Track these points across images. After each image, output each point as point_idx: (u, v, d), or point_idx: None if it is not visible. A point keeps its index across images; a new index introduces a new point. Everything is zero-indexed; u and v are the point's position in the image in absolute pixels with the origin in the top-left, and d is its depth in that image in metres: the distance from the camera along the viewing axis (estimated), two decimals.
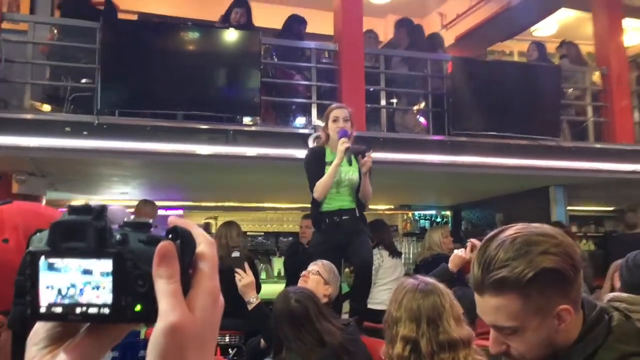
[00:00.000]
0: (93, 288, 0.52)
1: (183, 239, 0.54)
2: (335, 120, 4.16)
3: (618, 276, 3.11)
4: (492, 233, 1.26)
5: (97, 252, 0.52)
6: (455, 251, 3.59)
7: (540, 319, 1.17)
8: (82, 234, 0.52)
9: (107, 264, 0.52)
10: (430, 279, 2.09)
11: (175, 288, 0.51)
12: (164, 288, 0.51)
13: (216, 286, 0.55)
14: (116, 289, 0.52)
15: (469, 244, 3.58)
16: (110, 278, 0.52)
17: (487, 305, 1.21)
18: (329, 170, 4.06)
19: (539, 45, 7.47)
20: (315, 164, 4.21)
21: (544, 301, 1.17)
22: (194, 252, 0.54)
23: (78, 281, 0.52)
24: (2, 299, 0.78)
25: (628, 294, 3.01)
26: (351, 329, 2.78)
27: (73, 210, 0.54)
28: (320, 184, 4.07)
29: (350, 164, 4.08)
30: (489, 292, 1.19)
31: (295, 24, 6.59)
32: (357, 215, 4.18)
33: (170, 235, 0.53)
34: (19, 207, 0.94)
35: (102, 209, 0.53)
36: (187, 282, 0.53)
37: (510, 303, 1.17)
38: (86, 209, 0.53)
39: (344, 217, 4.11)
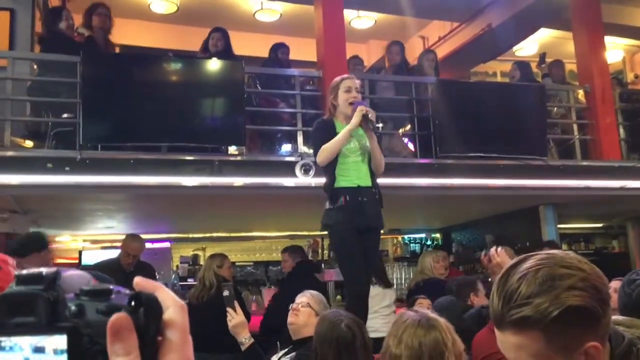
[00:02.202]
0: None
1: (148, 306, 0.46)
2: (348, 91, 3.97)
3: None
4: (514, 261, 1.17)
5: (49, 327, 0.45)
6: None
7: (564, 357, 1.10)
8: (32, 307, 0.45)
9: (61, 340, 0.45)
10: (431, 314, 2.01)
11: None
12: None
13: (187, 357, 0.48)
14: None
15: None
16: (64, 356, 0.44)
17: (508, 342, 1.13)
18: (340, 134, 3.84)
19: (520, 65, 7.51)
20: (326, 132, 3.93)
21: (569, 340, 1.09)
22: (160, 320, 0.47)
23: None
24: None
25: (624, 317, 2.96)
26: None
27: (21, 279, 0.46)
28: (327, 147, 3.80)
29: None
30: (510, 330, 1.12)
31: (279, 52, 6.60)
32: (377, 197, 3.92)
33: (133, 303, 0.46)
34: None
35: (54, 277, 0.46)
36: (152, 355, 0.46)
37: (533, 342, 1.09)
38: (36, 277, 0.46)
39: (364, 199, 3.83)
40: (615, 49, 9.69)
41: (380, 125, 3.98)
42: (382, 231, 4.16)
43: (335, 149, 3.83)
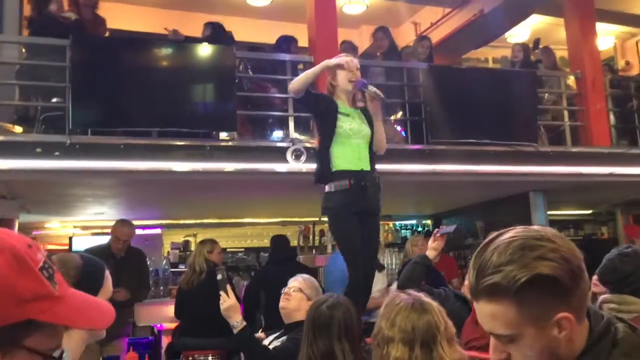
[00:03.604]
0: None
1: None
2: (350, 70, 3.88)
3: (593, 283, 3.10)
4: (490, 236, 1.20)
5: None
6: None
7: (538, 327, 1.12)
8: None
9: None
10: (424, 297, 2.02)
11: None
12: None
13: None
14: None
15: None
16: None
17: (483, 311, 1.16)
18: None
19: (525, 47, 7.50)
20: (328, 103, 3.84)
21: (540, 308, 1.11)
22: None
23: None
24: None
25: (613, 295, 2.99)
26: None
27: None
28: (302, 76, 3.79)
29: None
30: (483, 298, 1.15)
31: (284, 44, 6.56)
32: (377, 182, 3.86)
33: None
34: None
35: None
36: None
37: (506, 310, 1.12)
38: None
39: (367, 183, 3.75)
40: (606, 35, 9.71)
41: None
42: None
43: (309, 78, 3.80)
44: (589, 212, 10.34)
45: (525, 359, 1.15)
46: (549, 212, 7.48)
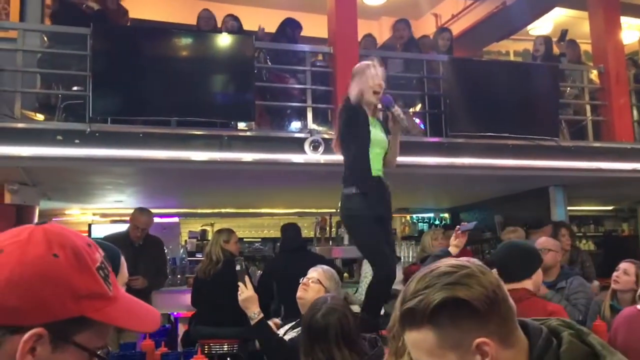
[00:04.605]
0: None
1: None
2: (379, 85, 3.87)
3: None
4: (419, 271, 1.22)
5: None
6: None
7: (458, 354, 1.10)
8: None
9: None
10: None
11: None
12: None
13: None
14: None
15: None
16: None
17: (408, 341, 1.16)
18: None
19: (547, 40, 7.39)
20: (360, 120, 3.84)
21: (457, 334, 1.10)
22: None
23: None
24: (48, 310, 0.85)
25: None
26: (376, 350, 2.63)
27: None
28: None
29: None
30: (406, 327, 1.15)
31: (288, 28, 6.52)
32: (389, 190, 3.95)
33: None
34: (59, 227, 0.94)
35: None
36: None
37: (425, 337, 1.11)
38: None
39: (385, 190, 3.88)
40: (630, 29, 9.53)
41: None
42: None
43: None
44: (610, 208, 10.21)
45: None
46: (568, 208, 7.41)
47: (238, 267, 3.20)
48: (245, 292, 3.11)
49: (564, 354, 1.12)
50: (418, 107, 6.66)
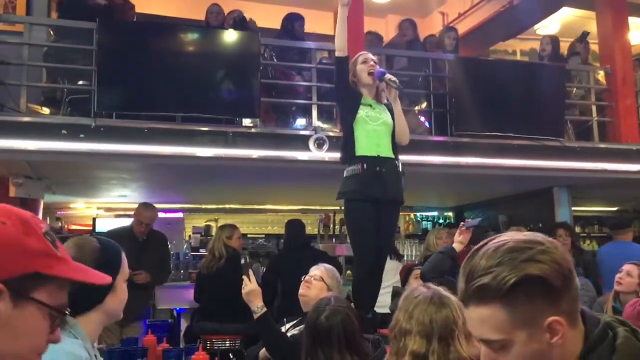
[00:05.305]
0: None
1: None
2: (365, 62, 3.98)
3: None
4: (480, 243, 1.19)
5: None
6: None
7: (529, 332, 1.09)
8: None
9: None
10: (444, 292, 2.00)
11: None
12: None
13: None
14: None
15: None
16: None
17: (473, 317, 1.14)
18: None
19: (553, 40, 7.36)
20: (350, 101, 3.92)
21: (530, 311, 1.08)
22: None
23: None
24: (2, 267, 0.94)
25: None
26: (378, 352, 2.62)
27: None
28: (337, 31, 3.98)
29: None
30: (473, 302, 1.12)
31: (289, 23, 6.51)
32: (399, 169, 3.86)
33: None
34: (5, 204, 1.04)
35: None
36: None
37: (495, 313, 1.09)
38: None
39: (383, 169, 3.76)
40: (638, 30, 9.48)
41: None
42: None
43: (342, 27, 4.00)
44: (615, 209, 10.17)
45: None
46: (573, 208, 7.38)
47: (243, 261, 3.21)
48: (249, 286, 3.11)
49: (621, 346, 1.11)
50: (423, 106, 6.64)
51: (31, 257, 0.97)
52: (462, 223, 3.86)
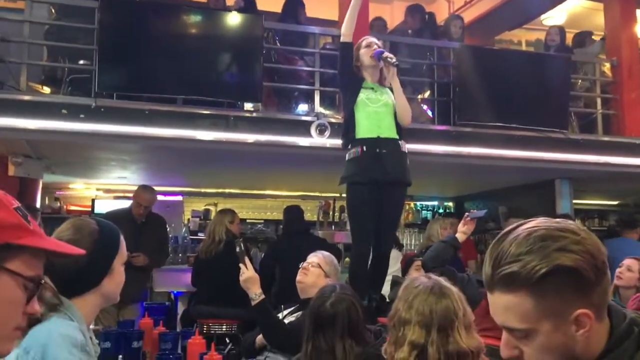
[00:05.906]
0: None
1: None
2: (368, 46, 3.98)
3: None
4: (509, 227, 1.14)
5: None
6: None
7: (555, 323, 1.06)
8: None
9: None
10: (444, 282, 1.97)
11: None
12: None
13: None
14: None
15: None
16: None
17: (497, 303, 1.10)
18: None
19: (562, 30, 7.30)
20: (351, 85, 3.95)
21: (559, 303, 1.05)
22: None
23: None
24: None
25: None
26: (379, 341, 2.60)
27: None
28: (347, 16, 4.00)
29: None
30: (499, 289, 1.08)
31: (290, 9, 6.44)
32: (402, 150, 3.84)
33: None
34: None
35: None
36: None
37: (522, 302, 1.06)
38: None
39: (384, 150, 3.74)
40: None
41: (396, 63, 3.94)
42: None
43: (354, 14, 3.98)
44: (616, 202, 10.14)
45: (538, 356, 1.09)
46: (574, 201, 7.35)
47: (237, 249, 3.18)
48: (247, 273, 3.10)
49: None
50: (427, 94, 6.59)
51: (2, 229, 0.97)
52: (467, 213, 3.82)
